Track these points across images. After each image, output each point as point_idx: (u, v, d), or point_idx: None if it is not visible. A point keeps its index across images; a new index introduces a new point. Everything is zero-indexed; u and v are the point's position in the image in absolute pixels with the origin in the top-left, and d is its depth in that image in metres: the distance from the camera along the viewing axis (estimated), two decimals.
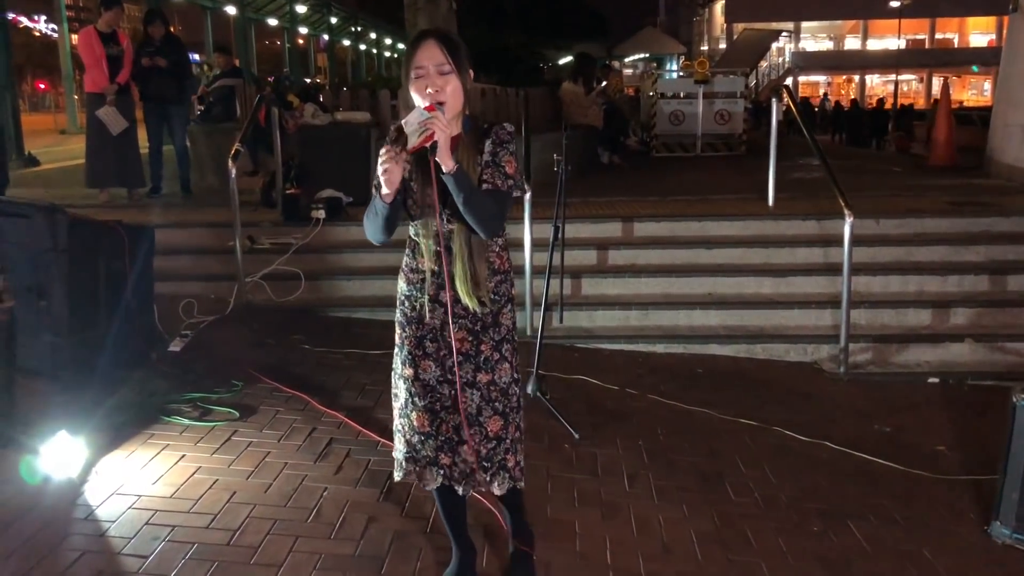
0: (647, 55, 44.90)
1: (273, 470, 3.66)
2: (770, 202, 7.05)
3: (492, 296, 2.49)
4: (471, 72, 2.42)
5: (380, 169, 2.24)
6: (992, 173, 9.05)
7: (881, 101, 27.77)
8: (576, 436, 4.20)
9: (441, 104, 2.30)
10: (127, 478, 3.53)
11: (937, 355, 5.64)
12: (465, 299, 2.42)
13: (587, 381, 4.95)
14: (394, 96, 8.86)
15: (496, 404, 2.51)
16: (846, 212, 5.36)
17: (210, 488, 3.47)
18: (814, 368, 5.48)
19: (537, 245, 5.48)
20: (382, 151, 2.20)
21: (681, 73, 13.85)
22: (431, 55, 2.31)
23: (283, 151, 7.42)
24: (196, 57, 29.24)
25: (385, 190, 2.26)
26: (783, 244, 6.41)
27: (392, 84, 11.61)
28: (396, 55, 46.26)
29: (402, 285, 2.55)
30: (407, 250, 2.52)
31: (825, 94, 37.63)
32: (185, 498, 3.38)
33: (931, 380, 5.39)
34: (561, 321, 5.42)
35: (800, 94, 39.14)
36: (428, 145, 2.21)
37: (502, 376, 2.50)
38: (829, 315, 5.81)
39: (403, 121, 2.25)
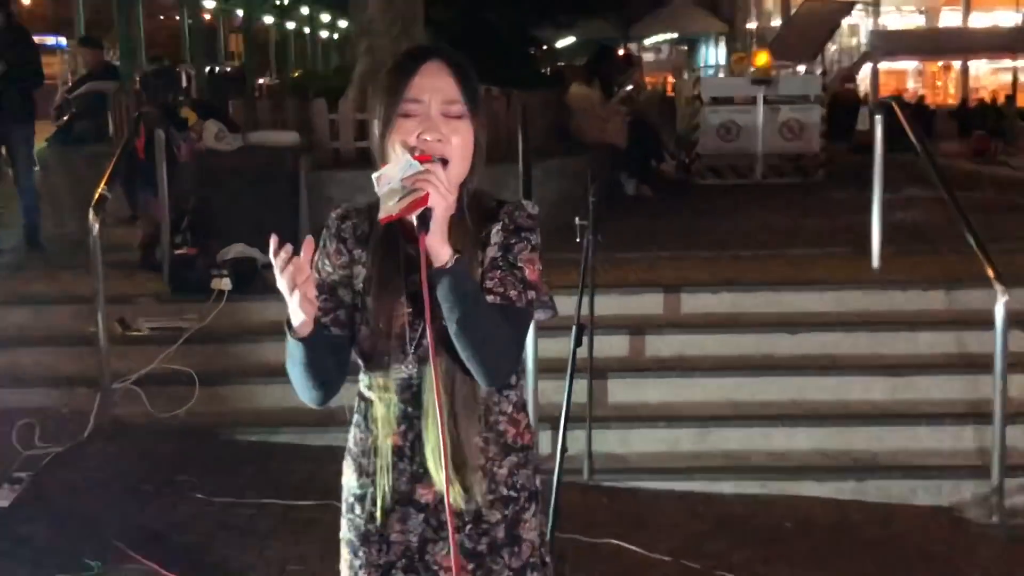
0: (675, 35, 45.22)
1: None
2: (875, 261, 6.87)
3: (504, 491, 2.21)
4: (484, 124, 2.18)
5: (281, 284, 1.96)
6: None
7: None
8: None
9: (443, 162, 2.07)
10: None
11: None
12: (439, 485, 2.13)
13: (621, 547, 4.68)
14: (333, 108, 8.50)
15: None
16: (996, 284, 5.09)
17: None
18: (953, 516, 5.28)
19: (543, 329, 5.04)
20: (273, 248, 1.96)
21: (732, 70, 13.63)
22: (436, 85, 2.12)
23: (173, 189, 7.22)
24: (62, 42, 29.02)
25: (298, 318, 2.00)
26: (898, 326, 6.26)
27: (332, 84, 11.25)
28: (336, 36, 46.29)
29: (350, 479, 2.29)
30: (356, 417, 2.27)
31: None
32: None
33: None
34: (565, 451, 4.80)
35: (880, 87, 39.40)
36: (415, 216, 1.98)
37: None
38: (972, 435, 5.62)
39: (376, 176, 2.02)
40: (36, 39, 9.04)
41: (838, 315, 6.33)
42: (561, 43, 38.59)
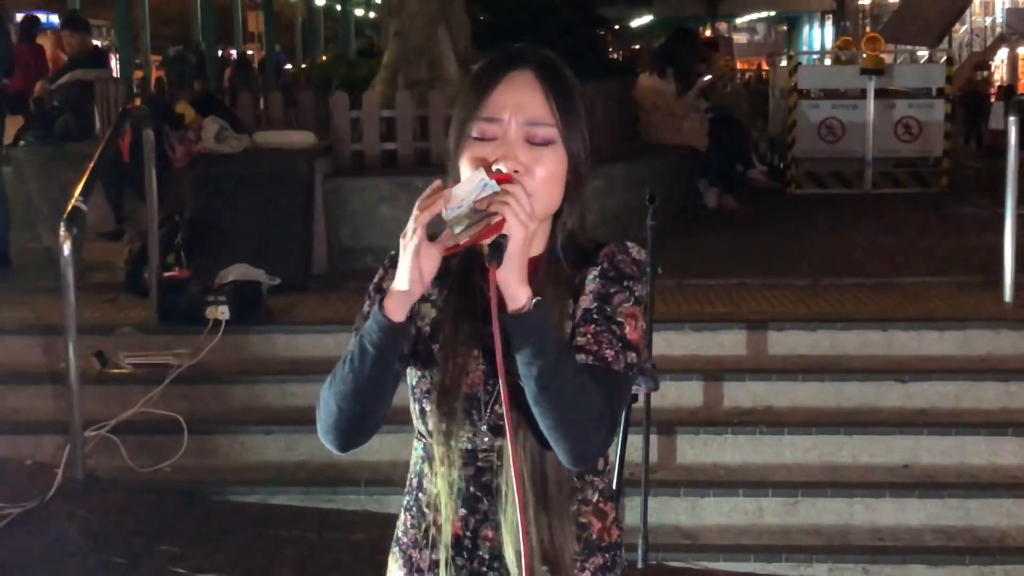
0: (772, 14, 45.04)
1: None
2: (1007, 294, 6.76)
3: None
4: (588, 144, 2.10)
5: (411, 226, 1.94)
6: None
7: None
8: None
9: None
10: None
11: None
12: None
13: None
14: (356, 103, 8.47)
15: None
16: None
17: None
18: None
19: None
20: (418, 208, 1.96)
21: (838, 57, 13.48)
22: (519, 101, 2.07)
23: (165, 198, 7.26)
24: (53, 20, 29.45)
25: (402, 285, 1.96)
26: None
27: (360, 74, 11.23)
28: (372, 13, 46.60)
29: (396, 572, 2.25)
30: (406, 499, 2.24)
31: None
32: None
33: None
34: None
35: (1022, 75, 38.82)
36: (488, 243, 1.93)
37: None
38: None
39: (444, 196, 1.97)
40: (20, 15, 9.19)
41: (961, 360, 6.23)
42: (636, 22, 38.62)
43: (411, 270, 1.92)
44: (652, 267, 4.24)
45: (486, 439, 2.09)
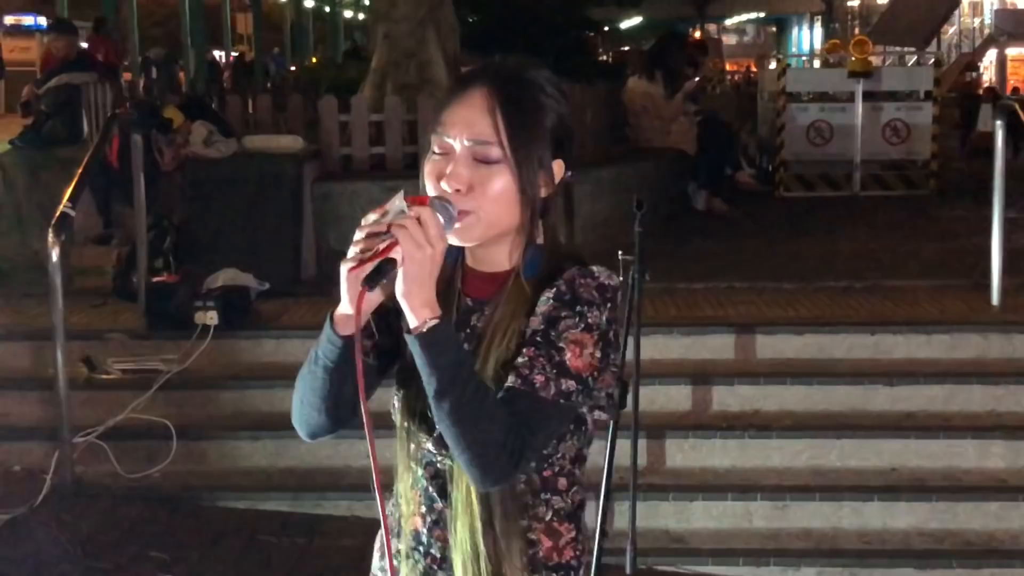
0: (762, 15, 45.10)
1: None
2: (995, 297, 6.74)
3: None
4: (561, 164, 2.11)
5: (352, 250, 1.95)
6: None
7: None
8: None
9: (454, 211, 2.00)
10: None
11: None
12: None
13: None
14: (345, 107, 8.46)
15: None
16: None
17: None
18: None
19: None
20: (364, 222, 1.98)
21: (826, 59, 13.50)
22: (468, 119, 2.07)
23: (153, 203, 7.26)
24: (43, 23, 29.34)
25: (345, 308, 1.98)
26: (1023, 378, 6.07)
27: (349, 77, 11.24)
28: (361, 15, 46.61)
29: (375, 558, 2.35)
30: (395, 486, 2.27)
31: None
32: None
33: None
34: (606, 532, 4.69)
35: (1010, 76, 38.87)
36: (377, 265, 1.92)
37: None
38: None
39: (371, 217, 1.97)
40: (11, 18, 9.16)
41: (948, 363, 6.22)
42: (626, 24, 38.72)
43: (349, 291, 1.93)
44: (640, 273, 4.22)
45: (435, 448, 2.11)
